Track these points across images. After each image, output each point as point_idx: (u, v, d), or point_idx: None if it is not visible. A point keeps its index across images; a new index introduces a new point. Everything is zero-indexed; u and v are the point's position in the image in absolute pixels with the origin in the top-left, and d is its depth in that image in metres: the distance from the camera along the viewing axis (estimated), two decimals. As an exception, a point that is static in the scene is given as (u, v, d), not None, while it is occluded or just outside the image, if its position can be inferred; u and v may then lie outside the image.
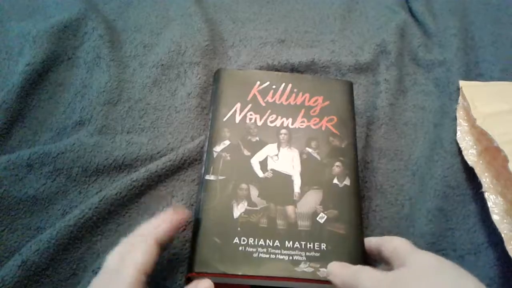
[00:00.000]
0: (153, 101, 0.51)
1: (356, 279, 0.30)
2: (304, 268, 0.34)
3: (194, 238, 0.36)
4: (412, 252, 0.30)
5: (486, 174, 0.43)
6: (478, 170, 0.43)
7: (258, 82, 0.46)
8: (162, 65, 0.54)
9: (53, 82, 0.52)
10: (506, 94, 0.51)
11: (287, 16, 0.62)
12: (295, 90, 0.46)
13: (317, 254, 0.35)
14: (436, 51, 0.57)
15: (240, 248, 0.35)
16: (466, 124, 0.48)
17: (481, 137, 0.46)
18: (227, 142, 0.42)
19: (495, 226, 0.39)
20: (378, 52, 0.56)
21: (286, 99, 0.45)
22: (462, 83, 0.52)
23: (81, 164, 0.44)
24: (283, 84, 0.46)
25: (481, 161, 0.45)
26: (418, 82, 0.54)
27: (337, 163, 0.41)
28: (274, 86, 0.46)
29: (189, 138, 0.48)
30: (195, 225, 0.37)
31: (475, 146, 0.46)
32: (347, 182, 0.40)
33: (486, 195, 0.41)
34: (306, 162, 0.41)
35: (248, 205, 0.38)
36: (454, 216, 0.43)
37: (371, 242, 0.35)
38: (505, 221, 0.39)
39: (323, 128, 0.43)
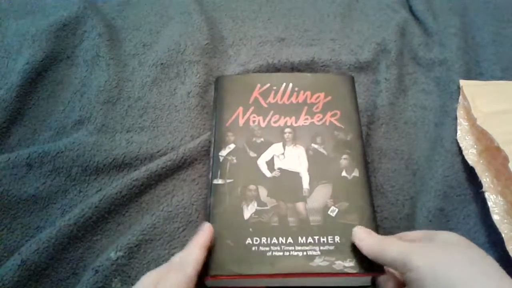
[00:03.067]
0: (152, 100, 0.51)
1: (408, 254, 0.29)
2: (320, 263, 0.34)
3: None
4: (437, 231, 0.32)
5: (486, 173, 0.43)
6: (479, 170, 0.43)
7: (259, 85, 0.46)
8: (162, 63, 0.53)
9: (52, 81, 0.52)
10: (506, 93, 0.50)
11: (287, 14, 0.61)
12: (296, 89, 0.46)
13: (331, 248, 0.35)
14: (436, 50, 0.57)
15: (253, 248, 0.35)
16: (467, 124, 0.48)
17: (482, 136, 0.46)
18: (232, 146, 0.42)
19: (496, 226, 0.39)
20: (378, 51, 0.56)
21: (288, 99, 0.45)
22: (462, 82, 0.52)
23: (81, 163, 0.44)
24: (284, 84, 0.46)
25: (481, 161, 0.44)
26: (418, 81, 0.54)
27: (344, 156, 0.41)
28: (274, 87, 0.46)
29: (189, 137, 0.48)
30: None
31: (475, 146, 0.46)
32: (356, 173, 0.40)
33: (486, 195, 0.41)
34: (313, 158, 0.41)
35: (258, 206, 0.38)
36: (454, 216, 0.43)
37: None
38: (505, 221, 0.39)
39: (327, 123, 0.43)
